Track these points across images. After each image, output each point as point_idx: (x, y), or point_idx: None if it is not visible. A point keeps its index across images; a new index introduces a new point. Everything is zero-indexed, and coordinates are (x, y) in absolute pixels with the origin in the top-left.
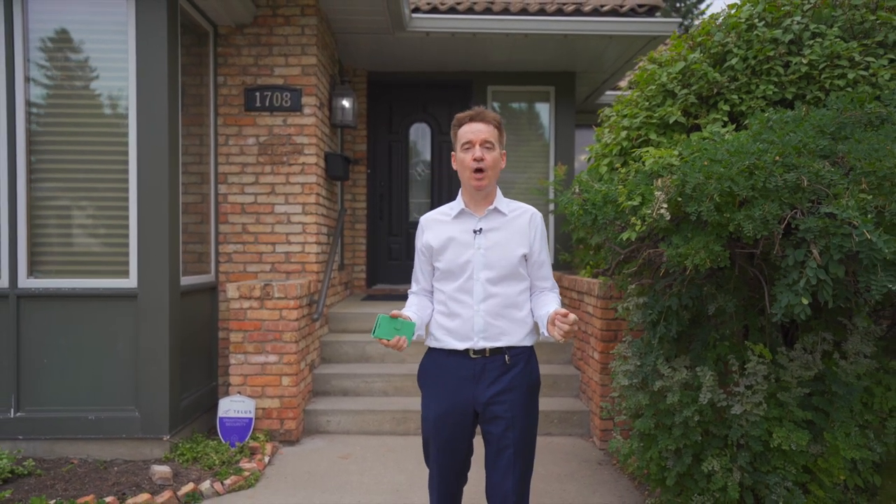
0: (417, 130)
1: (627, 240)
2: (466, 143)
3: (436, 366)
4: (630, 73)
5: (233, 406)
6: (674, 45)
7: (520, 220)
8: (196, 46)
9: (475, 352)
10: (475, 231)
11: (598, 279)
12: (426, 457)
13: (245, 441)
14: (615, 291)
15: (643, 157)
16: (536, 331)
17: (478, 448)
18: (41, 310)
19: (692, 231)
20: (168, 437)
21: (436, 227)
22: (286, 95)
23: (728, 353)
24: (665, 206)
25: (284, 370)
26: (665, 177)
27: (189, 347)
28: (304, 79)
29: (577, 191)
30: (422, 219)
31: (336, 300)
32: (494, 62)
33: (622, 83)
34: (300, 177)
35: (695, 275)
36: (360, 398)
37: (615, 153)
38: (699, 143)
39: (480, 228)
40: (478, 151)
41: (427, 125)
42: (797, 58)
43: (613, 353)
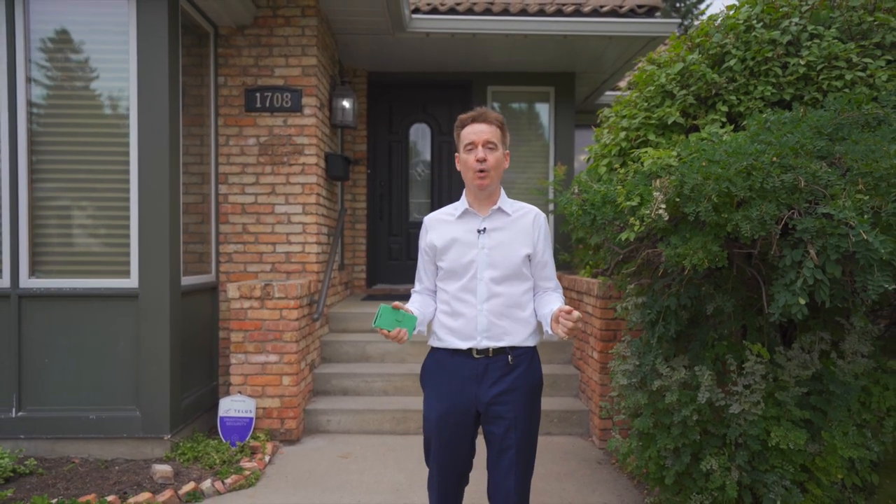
0: (417, 131)
1: (626, 240)
2: (469, 144)
3: (439, 365)
4: (629, 74)
5: (233, 405)
6: (673, 46)
7: (524, 221)
8: (197, 47)
9: (478, 351)
10: (479, 231)
11: (598, 279)
12: (427, 456)
13: (246, 440)
14: (614, 291)
15: (642, 158)
16: (540, 331)
17: (478, 448)
18: (43, 310)
19: (690, 231)
20: (169, 437)
21: (440, 227)
22: (286, 96)
23: (726, 353)
24: (663, 207)
25: (285, 370)
26: (663, 177)
27: (190, 347)
28: (305, 79)
29: (577, 191)
30: (426, 218)
31: (336, 300)
32: (494, 62)
33: (622, 83)
34: (300, 177)
35: (693, 275)
36: (361, 398)
37: (614, 154)
38: (697, 144)
39: (484, 228)
40: (480, 152)
41: (427, 125)
42: (795, 59)
43: (612, 353)
